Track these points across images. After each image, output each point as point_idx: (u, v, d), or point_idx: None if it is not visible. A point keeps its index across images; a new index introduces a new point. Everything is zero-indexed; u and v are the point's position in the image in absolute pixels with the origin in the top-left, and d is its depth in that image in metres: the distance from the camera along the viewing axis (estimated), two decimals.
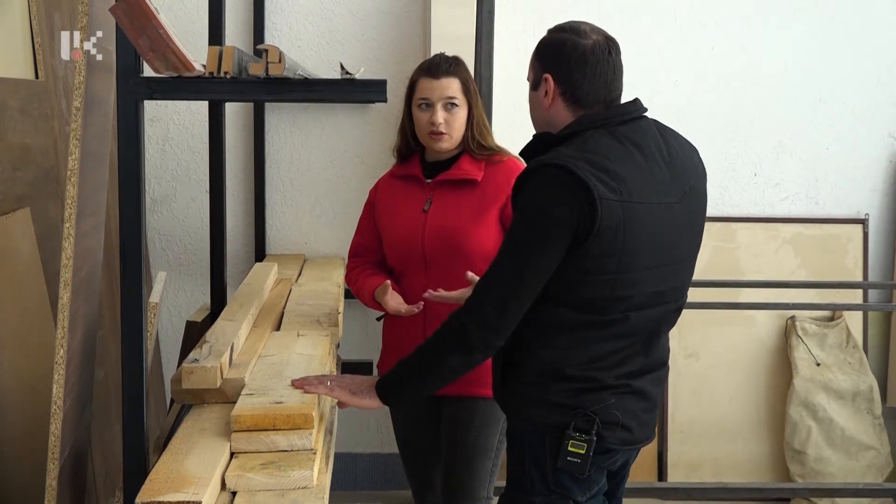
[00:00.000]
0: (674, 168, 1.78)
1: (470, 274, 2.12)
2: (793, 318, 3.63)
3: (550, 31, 1.83)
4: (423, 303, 2.22)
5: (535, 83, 1.82)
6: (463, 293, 2.09)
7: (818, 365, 3.58)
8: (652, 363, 1.81)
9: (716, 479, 3.60)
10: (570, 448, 1.71)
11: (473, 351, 1.72)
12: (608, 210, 1.64)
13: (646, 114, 1.82)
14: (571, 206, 1.63)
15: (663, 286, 1.77)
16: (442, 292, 2.13)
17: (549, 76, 1.78)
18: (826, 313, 3.68)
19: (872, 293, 3.74)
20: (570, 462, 1.72)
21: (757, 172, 3.66)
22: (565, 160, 1.66)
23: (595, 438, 1.71)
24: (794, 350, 3.60)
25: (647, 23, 3.51)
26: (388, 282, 2.26)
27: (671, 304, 1.81)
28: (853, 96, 3.65)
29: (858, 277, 3.67)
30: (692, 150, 1.86)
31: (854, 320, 3.68)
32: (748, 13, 3.58)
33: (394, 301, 2.27)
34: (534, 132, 1.88)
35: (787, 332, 3.64)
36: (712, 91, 3.59)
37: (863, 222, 3.68)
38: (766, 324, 3.66)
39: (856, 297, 3.68)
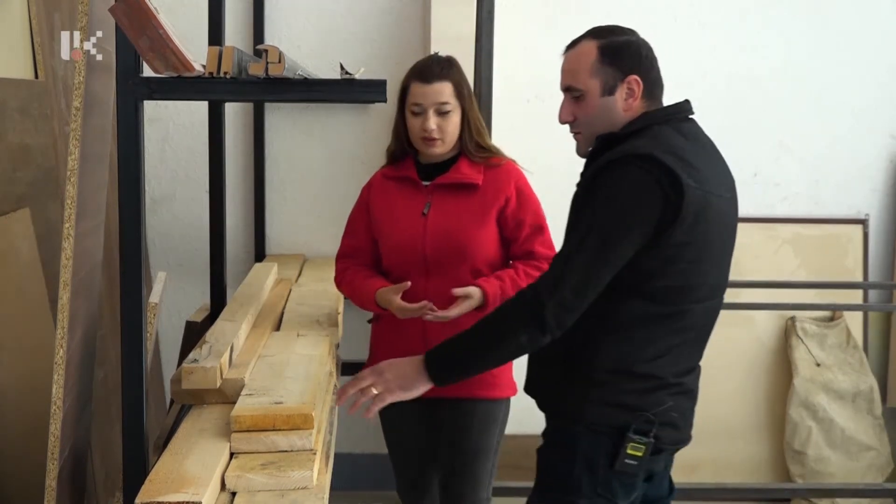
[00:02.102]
0: (724, 166, 1.85)
1: (458, 290, 2.14)
2: (793, 318, 3.63)
3: (602, 36, 1.83)
4: (432, 304, 2.17)
5: (611, 88, 1.80)
6: (461, 310, 2.13)
7: (818, 365, 3.58)
8: (697, 360, 1.86)
9: (716, 480, 3.60)
10: (628, 451, 1.72)
11: (546, 330, 1.69)
12: (693, 197, 1.67)
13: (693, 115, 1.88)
14: (657, 194, 1.66)
15: (719, 279, 1.83)
16: (439, 312, 2.13)
17: (637, 78, 1.80)
18: (826, 313, 3.68)
19: (872, 293, 3.74)
20: (627, 465, 1.73)
21: (757, 172, 3.65)
22: (649, 150, 1.69)
23: (653, 440, 1.73)
24: (794, 350, 3.60)
25: (648, 23, 3.48)
26: (408, 283, 2.20)
27: (719, 300, 1.85)
28: (853, 96, 3.64)
29: (858, 277, 3.66)
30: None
31: (854, 320, 3.68)
32: (748, 13, 3.58)
33: (402, 302, 2.19)
34: (592, 136, 1.85)
35: (787, 333, 3.64)
36: (712, 91, 3.59)
37: (863, 222, 3.68)
38: (766, 324, 3.66)
39: (856, 297, 3.68)
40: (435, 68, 2.26)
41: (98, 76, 2.01)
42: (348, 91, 1.72)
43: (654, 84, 1.83)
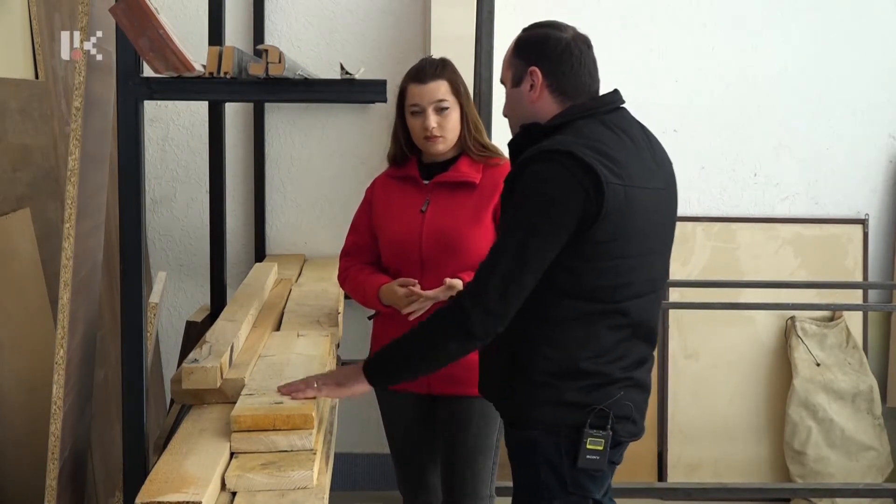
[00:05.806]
0: (655, 157, 1.82)
1: (448, 280, 2.16)
2: (793, 318, 3.63)
3: (527, 30, 1.88)
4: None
5: (518, 79, 1.84)
6: (438, 292, 2.15)
7: (818, 365, 3.58)
8: (647, 353, 1.84)
9: (716, 480, 3.60)
10: (588, 446, 1.72)
11: (473, 337, 1.71)
12: (613, 194, 1.66)
13: (623, 105, 1.86)
14: (577, 192, 1.65)
15: (654, 273, 1.81)
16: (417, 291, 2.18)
17: (535, 69, 1.80)
18: (826, 313, 3.68)
19: (872, 293, 3.74)
20: (590, 460, 1.73)
21: (757, 172, 3.65)
22: (568, 146, 1.67)
23: (611, 433, 1.73)
24: (794, 350, 3.60)
25: (648, 23, 3.51)
26: (415, 280, 2.23)
27: (659, 293, 1.84)
28: (853, 97, 3.64)
29: (858, 277, 3.67)
30: (662, 146, 1.89)
31: (854, 320, 3.68)
32: (748, 14, 3.58)
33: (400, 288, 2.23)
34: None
35: (787, 333, 3.64)
36: (712, 91, 3.59)
37: (863, 222, 3.68)
38: (765, 324, 3.66)
39: (856, 297, 3.68)
40: (429, 68, 2.32)
41: (98, 76, 2.01)
42: (348, 91, 1.72)
43: (563, 81, 1.79)
